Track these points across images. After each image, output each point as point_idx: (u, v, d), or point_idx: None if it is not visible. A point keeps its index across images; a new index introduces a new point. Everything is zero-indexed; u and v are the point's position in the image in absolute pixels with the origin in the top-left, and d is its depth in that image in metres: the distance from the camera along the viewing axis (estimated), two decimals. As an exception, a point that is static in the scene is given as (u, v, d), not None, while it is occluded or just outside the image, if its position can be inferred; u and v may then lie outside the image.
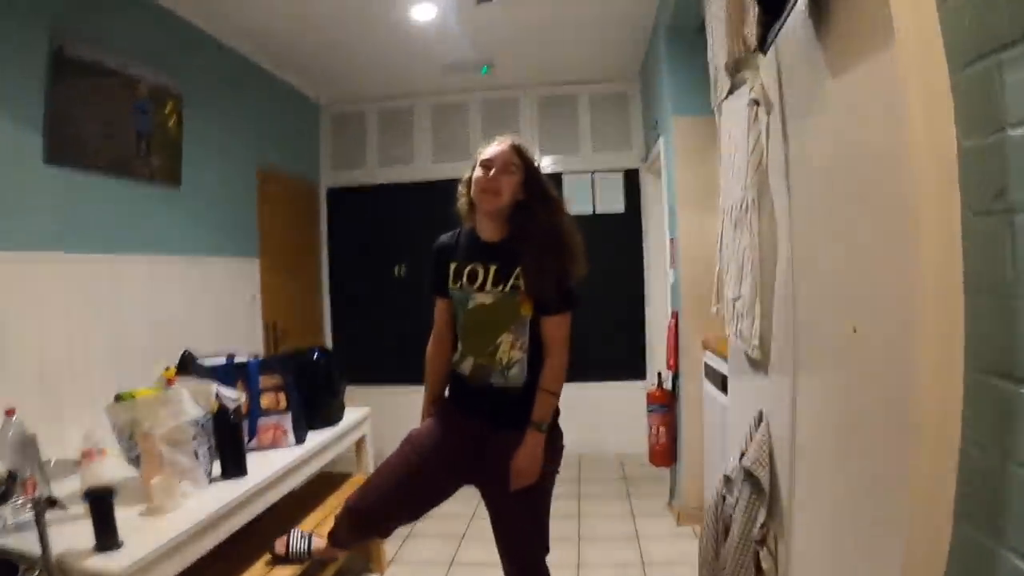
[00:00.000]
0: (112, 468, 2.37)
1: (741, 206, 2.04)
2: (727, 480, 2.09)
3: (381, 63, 4.95)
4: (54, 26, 2.84)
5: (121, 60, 3.23)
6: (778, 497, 1.84)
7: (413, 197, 5.68)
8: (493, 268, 2.13)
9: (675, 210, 3.94)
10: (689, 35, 3.70)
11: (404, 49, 4.66)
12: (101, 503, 1.81)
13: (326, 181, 5.89)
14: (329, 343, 5.86)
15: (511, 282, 2.10)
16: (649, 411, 4.20)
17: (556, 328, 2.13)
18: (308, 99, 5.61)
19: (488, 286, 2.13)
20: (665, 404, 4.11)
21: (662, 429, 4.10)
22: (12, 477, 1.71)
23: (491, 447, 2.17)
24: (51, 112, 2.82)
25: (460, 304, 2.20)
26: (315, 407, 3.05)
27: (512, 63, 5.07)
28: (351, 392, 3.39)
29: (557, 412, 2.19)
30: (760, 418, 1.97)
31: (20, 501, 1.68)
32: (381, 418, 3.73)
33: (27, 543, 1.70)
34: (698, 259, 3.72)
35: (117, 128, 3.23)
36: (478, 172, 2.14)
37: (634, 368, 5.48)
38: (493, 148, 2.15)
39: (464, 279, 2.17)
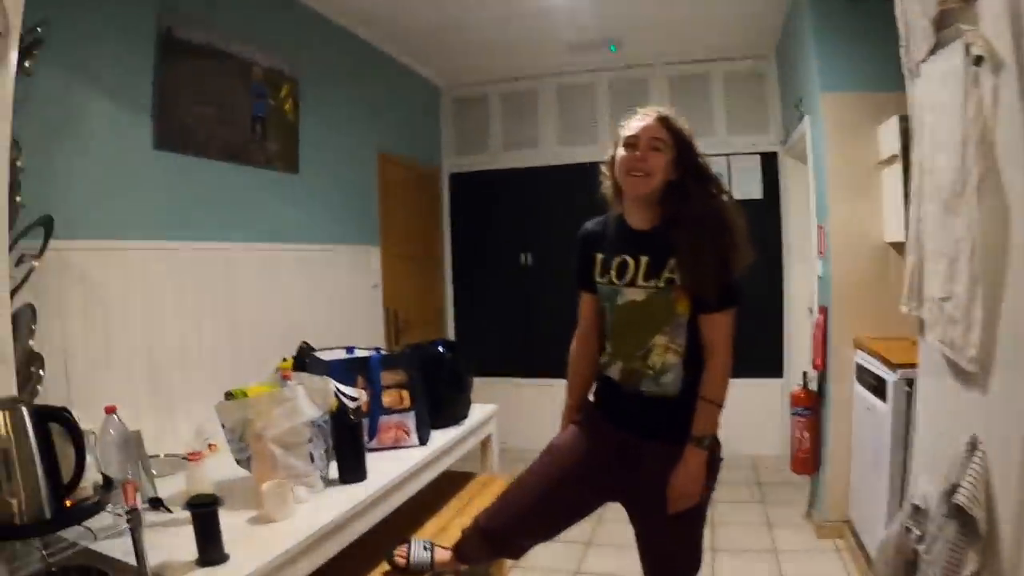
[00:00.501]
0: (220, 470, 2.26)
1: (954, 187, 1.68)
2: (916, 510, 1.81)
3: (503, 43, 4.75)
4: (162, 8, 2.74)
5: (233, 43, 3.12)
6: (998, 544, 1.50)
7: (538, 182, 5.49)
8: (644, 260, 1.87)
9: (824, 196, 3.57)
10: (839, 1, 3.35)
11: (527, 28, 4.44)
12: (204, 515, 1.64)
13: (448, 166, 5.76)
14: (452, 334, 5.73)
15: (665, 275, 1.84)
16: (793, 414, 3.85)
17: (716, 328, 1.85)
18: (428, 82, 5.47)
19: (639, 281, 1.88)
20: (810, 407, 3.75)
21: (806, 434, 3.74)
22: (107, 484, 1.56)
23: (642, 461, 1.91)
24: (160, 96, 2.73)
25: (608, 300, 1.96)
26: (440, 404, 2.85)
27: (640, 40, 4.77)
28: (474, 385, 3.19)
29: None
30: (973, 445, 1.60)
31: (116, 509, 1.53)
32: (505, 413, 3.50)
33: (126, 550, 1.55)
34: (852, 250, 3.43)
35: (231, 112, 3.13)
36: (621, 151, 1.88)
37: (771, 365, 5.09)
38: (637, 122, 1.88)
39: (612, 273, 1.93)
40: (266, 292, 3.38)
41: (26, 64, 1.90)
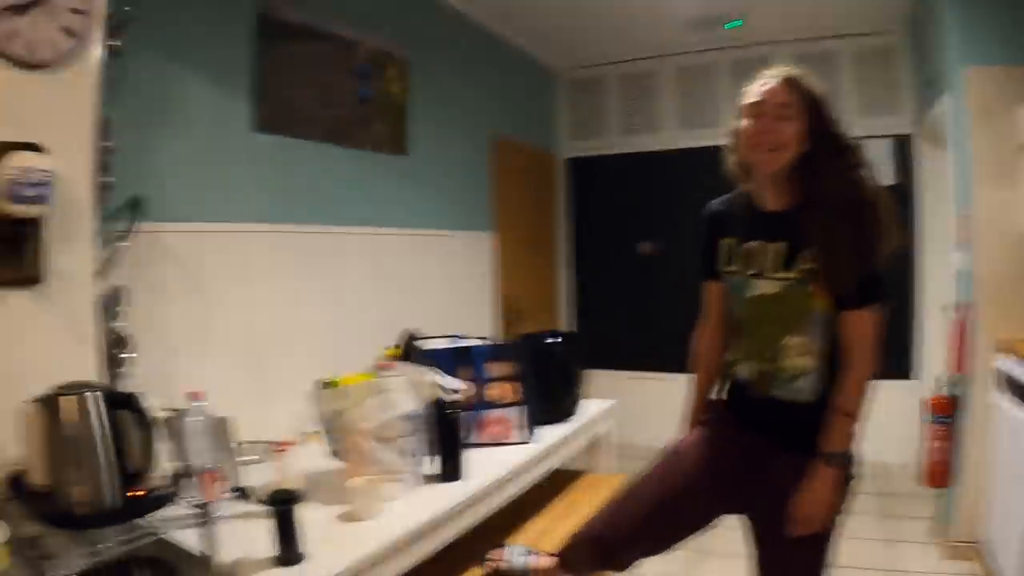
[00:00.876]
0: (314, 460, 2.18)
1: None
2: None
3: (619, 22, 4.50)
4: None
5: (336, 23, 3.05)
6: None
7: (659, 168, 5.22)
8: (778, 247, 1.63)
9: (966, 181, 3.15)
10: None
11: (644, 4, 4.20)
12: (279, 513, 1.53)
13: (565, 151, 5.58)
14: (568, 324, 5.55)
15: (801, 266, 1.59)
16: (927, 421, 3.44)
17: (856, 327, 1.59)
18: (543, 65, 5.29)
19: (772, 271, 1.64)
20: (948, 415, 3.33)
21: (941, 445, 3.34)
22: (182, 475, 1.48)
23: (771, 470, 1.67)
24: (259, 78, 2.67)
25: (737, 291, 1.74)
26: (548, 399, 2.69)
27: (763, 16, 4.42)
28: (590, 377, 3.00)
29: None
30: None
31: (192, 500, 1.45)
32: (626, 408, 3.30)
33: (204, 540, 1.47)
34: (999, 241, 3.04)
35: (334, 94, 3.06)
36: (745, 122, 1.64)
37: (899, 365, 4.62)
38: (760, 87, 1.63)
39: (741, 261, 1.70)
40: (373, 277, 3.30)
41: (116, 43, 1.85)
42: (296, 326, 2.85)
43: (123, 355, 1.87)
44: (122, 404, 1.38)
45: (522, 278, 4.86)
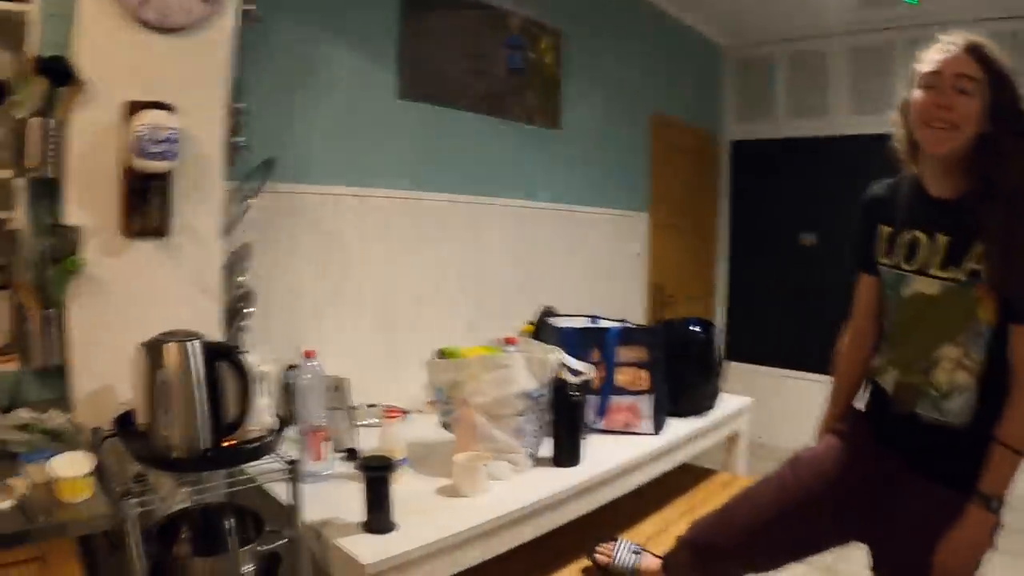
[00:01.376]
0: (426, 430, 2.17)
1: None
2: None
3: None
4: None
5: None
6: None
7: (828, 155, 4.82)
8: (944, 241, 1.40)
9: None
10: None
11: None
12: (371, 480, 1.51)
13: (729, 133, 5.29)
14: (722, 313, 5.30)
15: (968, 265, 1.36)
16: None
17: None
18: (709, 42, 5.01)
19: (934, 268, 1.42)
20: None
21: None
22: (280, 428, 1.50)
23: (908, 501, 1.45)
24: (405, 46, 2.68)
25: (891, 288, 1.54)
26: (683, 391, 2.54)
27: None
28: (735, 370, 2.80)
29: None
30: None
31: (285, 455, 1.46)
32: (765, 406, 3.06)
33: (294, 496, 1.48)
34: None
35: (484, 64, 3.02)
36: (917, 93, 1.43)
37: None
38: (938, 55, 1.42)
39: (900, 253, 1.49)
40: (517, 251, 3.26)
41: (251, 7, 1.90)
42: (433, 295, 2.86)
43: (247, 309, 1.92)
44: (223, 356, 1.40)
45: (676, 263, 4.67)
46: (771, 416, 3.12)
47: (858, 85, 4.76)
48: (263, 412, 1.50)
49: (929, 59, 1.43)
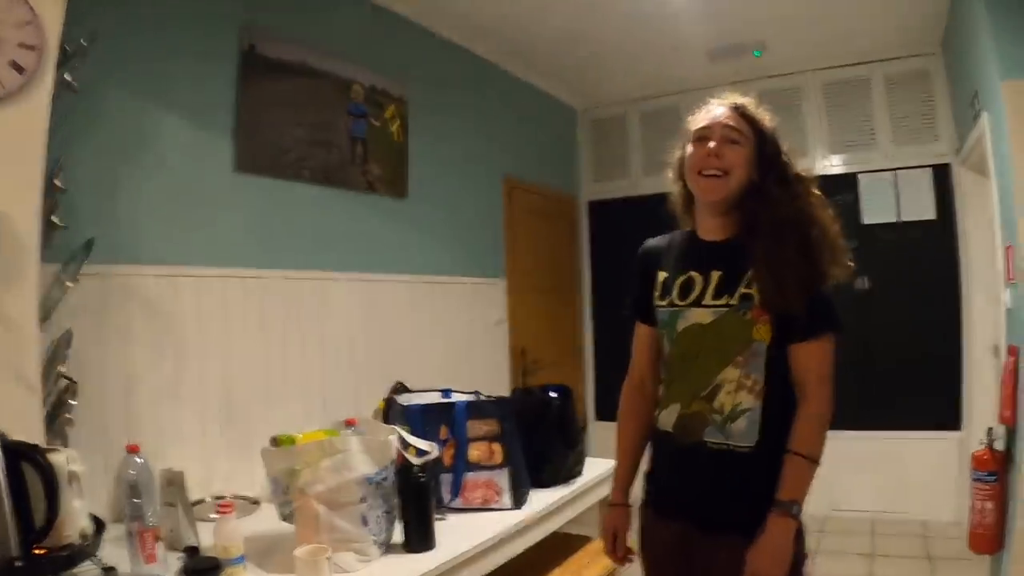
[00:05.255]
0: (265, 523, 2.12)
1: None
2: None
3: (639, 56, 4.54)
4: (244, 23, 2.72)
5: (327, 60, 3.07)
6: None
7: None
8: (716, 276, 1.59)
9: (1012, 209, 3.00)
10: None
11: (663, 36, 4.22)
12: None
13: (587, 193, 5.57)
14: (590, 374, 5.46)
15: (740, 290, 1.54)
16: (973, 479, 3.26)
17: (811, 358, 1.52)
18: (562, 103, 5.29)
19: (708, 299, 1.59)
20: (995, 472, 3.16)
21: (988, 505, 3.16)
22: (98, 531, 1.45)
23: (712, 565, 1.56)
24: (242, 116, 2.70)
25: (667, 328, 1.68)
26: (544, 460, 2.59)
27: (787, 42, 4.41)
28: (608, 430, 2.91)
29: None
30: None
31: (98, 560, 1.42)
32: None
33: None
34: None
35: (326, 133, 3.07)
36: (690, 148, 1.64)
37: (946, 416, 4.48)
38: (707, 113, 1.65)
39: (675, 293, 1.65)
40: (368, 326, 3.27)
41: (66, 77, 1.88)
42: (280, 377, 2.82)
43: (71, 401, 1.86)
44: (25, 456, 1.36)
45: (539, 328, 4.78)
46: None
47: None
48: (77, 515, 1.45)
49: (701, 117, 1.64)
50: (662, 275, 1.71)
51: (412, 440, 2.09)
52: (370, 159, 3.30)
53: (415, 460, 2.05)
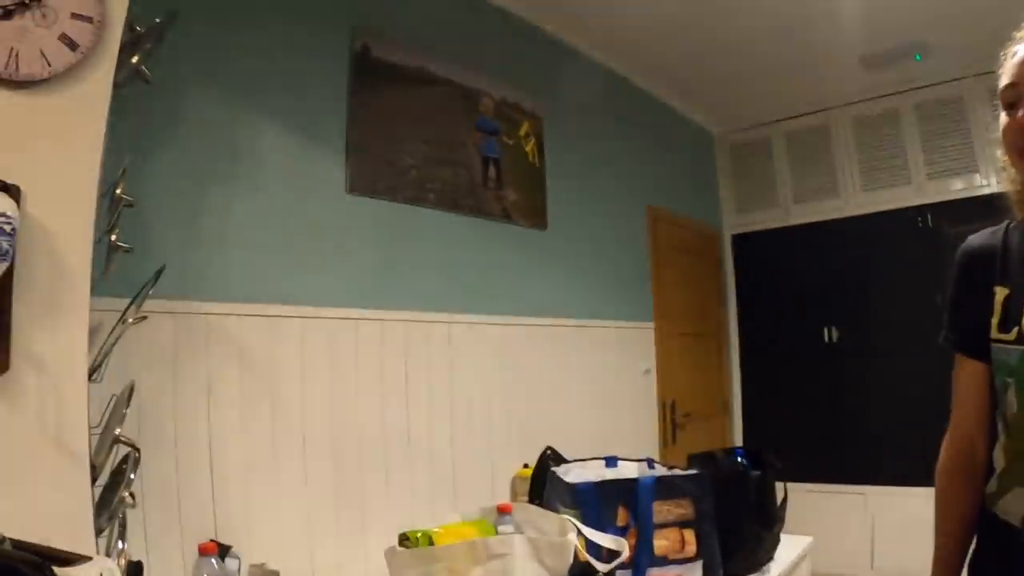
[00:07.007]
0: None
1: None
2: None
3: (781, 69, 4.03)
4: (358, 23, 2.35)
5: (453, 68, 2.66)
6: None
7: (841, 238, 4.55)
8: None
9: None
10: None
11: (807, 45, 3.72)
12: None
13: (729, 226, 5.04)
14: (739, 430, 4.82)
15: None
16: None
17: None
18: (699, 127, 4.78)
19: None
20: None
21: None
22: None
23: None
24: (354, 129, 2.30)
25: (1014, 374, 1.11)
26: (736, 546, 1.99)
27: (951, 44, 3.79)
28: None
29: None
30: None
31: None
32: (814, 531, 2.54)
33: None
34: None
35: (454, 151, 2.64)
36: (1003, 118, 1.17)
37: None
38: (1013, 61, 1.16)
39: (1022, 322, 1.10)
40: (502, 378, 2.77)
41: (134, 62, 1.45)
42: (400, 443, 2.34)
43: (130, 476, 1.36)
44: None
45: (688, 377, 4.23)
46: (827, 542, 2.62)
47: (866, 158, 4.59)
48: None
49: (1008, 67, 1.16)
50: (1001, 292, 1.15)
51: (594, 535, 1.53)
52: (505, 183, 2.83)
53: (601, 567, 1.50)
